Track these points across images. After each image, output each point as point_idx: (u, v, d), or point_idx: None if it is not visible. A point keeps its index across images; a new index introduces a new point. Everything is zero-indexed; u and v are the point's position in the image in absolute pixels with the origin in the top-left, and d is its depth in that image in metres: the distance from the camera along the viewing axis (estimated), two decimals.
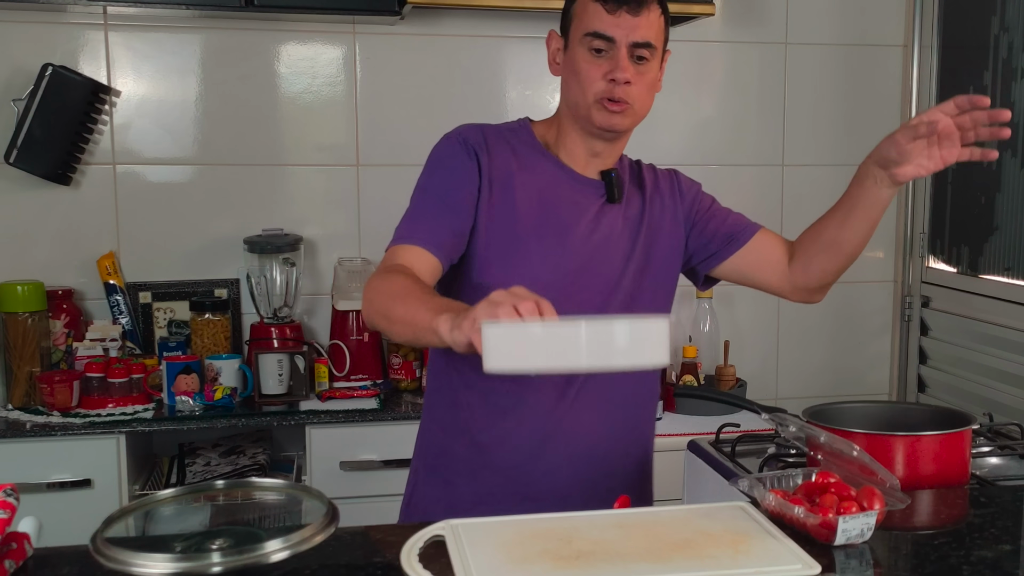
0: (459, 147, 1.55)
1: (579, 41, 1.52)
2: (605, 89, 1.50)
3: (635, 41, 1.49)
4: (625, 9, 1.49)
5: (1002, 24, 2.66)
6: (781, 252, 1.69)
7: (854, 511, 1.10)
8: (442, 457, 1.61)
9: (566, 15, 1.58)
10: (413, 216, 1.52)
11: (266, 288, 2.59)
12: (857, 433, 1.39)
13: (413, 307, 1.30)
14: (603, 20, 1.49)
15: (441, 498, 1.59)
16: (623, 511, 1.21)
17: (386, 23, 2.71)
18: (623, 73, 1.49)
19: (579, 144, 1.59)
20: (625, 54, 1.49)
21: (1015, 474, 1.57)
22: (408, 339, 1.36)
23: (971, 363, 2.76)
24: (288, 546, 0.99)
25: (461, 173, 1.53)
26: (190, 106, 2.68)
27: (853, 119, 3.04)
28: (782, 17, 2.97)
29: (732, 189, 2.99)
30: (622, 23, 1.49)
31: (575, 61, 1.53)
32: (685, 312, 2.97)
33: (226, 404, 2.42)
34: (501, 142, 1.58)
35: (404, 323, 1.32)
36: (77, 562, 1.06)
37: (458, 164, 1.53)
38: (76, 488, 2.26)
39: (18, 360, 2.44)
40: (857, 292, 3.08)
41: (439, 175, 1.54)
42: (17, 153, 2.52)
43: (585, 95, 1.52)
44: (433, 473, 1.62)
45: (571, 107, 1.57)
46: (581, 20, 1.52)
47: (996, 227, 2.69)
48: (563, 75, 1.59)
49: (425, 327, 1.25)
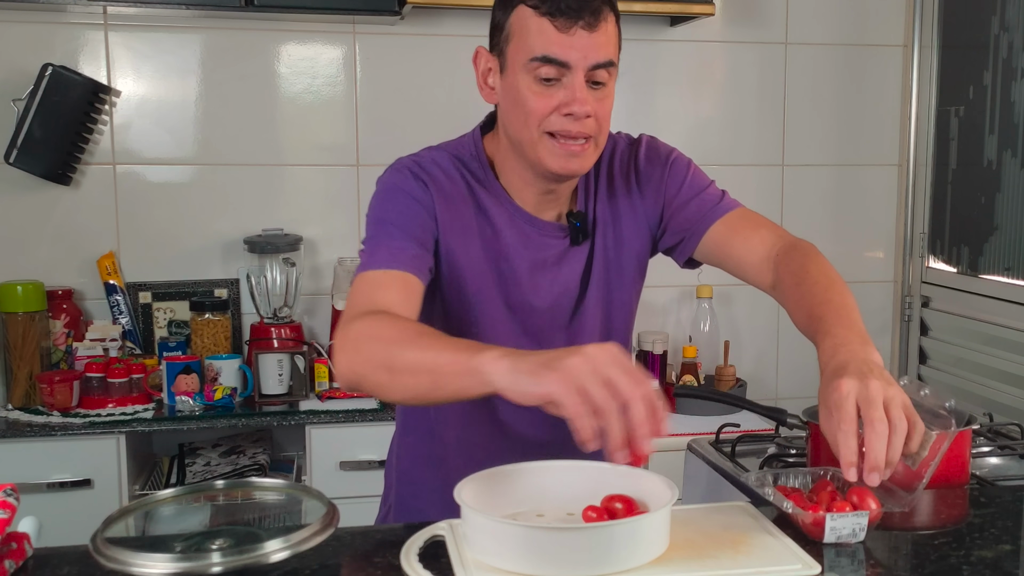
0: (414, 185, 1.34)
1: (522, 66, 1.26)
2: (560, 126, 1.26)
3: (595, 63, 1.25)
4: (581, 24, 1.23)
5: (1002, 24, 2.66)
6: (754, 255, 1.39)
7: (848, 510, 1.10)
8: (412, 486, 1.52)
9: (499, 29, 1.31)
10: (377, 242, 1.30)
11: (266, 288, 2.59)
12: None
13: (434, 349, 1.09)
14: (553, 40, 1.24)
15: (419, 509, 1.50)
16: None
17: (386, 23, 2.71)
18: (582, 106, 1.25)
19: (528, 185, 1.37)
20: (583, 81, 1.25)
21: (1015, 474, 1.56)
22: (420, 391, 1.12)
23: (971, 363, 2.76)
24: (288, 546, 0.99)
25: (419, 210, 1.33)
26: (190, 106, 2.68)
27: (853, 119, 3.04)
28: (782, 17, 2.97)
29: (732, 189, 2.97)
30: (577, 42, 1.23)
31: (517, 90, 1.27)
32: (685, 312, 2.97)
33: (226, 404, 2.42)
34: (454, 183, 1.37)
35: (419, 371, 1.09)
36: (77, 562, 1.06)
37: (414, 204, 1.33)
38: (76, 488, 2.26)
39: (18, 360, 2.44)
40: (857, 292, 3.02)
41: (398, 206, 1.33)
42: (17, 153, 2.52)
43: (532, 132, 1.28)
44: (405, 496, 1.54)
45: (515, 144, 1.32)
46: (523, 39, 1.26)
47: (996, 227, 2.69)
48: (502, 104, 1.33)
49: (461, 369, 1.05)
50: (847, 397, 1.05)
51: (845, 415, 1.05)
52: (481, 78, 1.35)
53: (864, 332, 1.17)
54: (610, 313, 1.46)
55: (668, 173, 1.45)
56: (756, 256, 1.38)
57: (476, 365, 1.03)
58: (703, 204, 1.43)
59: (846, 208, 3.07)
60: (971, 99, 2.78)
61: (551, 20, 1.24)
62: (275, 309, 2.60)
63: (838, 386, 1.06)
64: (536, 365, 0.99)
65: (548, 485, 1.14)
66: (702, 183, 1.46)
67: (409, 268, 1.28)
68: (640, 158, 1.45)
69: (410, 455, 1.53)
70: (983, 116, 2.73)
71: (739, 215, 1.43)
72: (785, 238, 1.39)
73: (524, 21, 1.26)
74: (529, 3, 1.26)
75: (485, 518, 1.00)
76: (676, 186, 1.44)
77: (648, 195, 1.44)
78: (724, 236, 1.41)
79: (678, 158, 1.47)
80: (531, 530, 0.98)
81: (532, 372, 0.99)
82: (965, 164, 2.83)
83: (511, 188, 1.39)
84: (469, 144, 1.42)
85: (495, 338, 1.38)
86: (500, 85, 1.33)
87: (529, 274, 1.39)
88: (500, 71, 1.32)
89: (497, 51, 1.32)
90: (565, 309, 1.42)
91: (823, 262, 1.32)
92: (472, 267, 1.37)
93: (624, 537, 0.99)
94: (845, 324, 1.18)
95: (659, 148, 1.48)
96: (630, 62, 2.88)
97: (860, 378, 1.06)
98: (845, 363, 1.09)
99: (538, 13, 1.25)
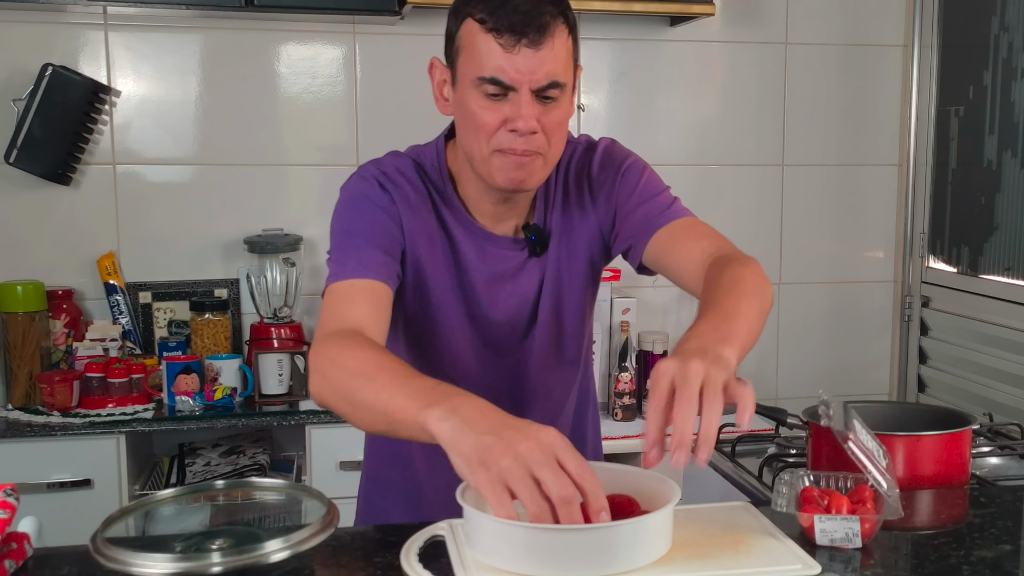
0: (381, 195, 1.34)
1: (470, 82, 1.26)
2: (507, 143, 1.26)
3: (539, 86, 1.24)
4: (525, 42, 1.22)
5: (1002, 24, 2.66)
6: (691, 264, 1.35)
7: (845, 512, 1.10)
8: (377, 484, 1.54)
9: (451, 40, 1.30)
10: (345, 253, 1.31)
11: (266, 288, 2.59)
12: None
13: (387, 391, 1.08)
14: (497, 60, 1.23)
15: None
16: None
17: (386, 23, 2.71)
18: (527, 123, 1.24)
19: (485, 196, 1.37)
20: (529, 98, 1.24)
21: (1015, 474, 1.57)
22: (377, 429, 1.12)
23: (971, 363, 2.76)
24: (288, 546, 0.99)
25: (385, 220, 1.34)
26: (190, 106, 2.68)
27: (853, 119, 3.04)
28: (782, 17, 2.97)
29: (732, 189, 3.01)
30: (521, 63, 1.22)
31: (466, 104, 1.27)
32: (685, 312, 2.97)
33: (226, 404, 2.42)
34: (418, 192, 1.37)
35: (374, 410, 1.09)
36: (77, 562, 1.06)
37: (381, 214, 1.34)
38: (76, 488, 2.26)
39: (18, 360, 2.44)
40: (857, 292, 3.08)
41: (366, 216, 1.33)
42: (17, 153, 2.52)
43: (482, 148, 1.28)
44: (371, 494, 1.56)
45: (468, 158, 1.33)
46: (470, 56, 1.25)
47: (996, 227, 2.69)
48: (455, 117, 1.33)
49: (408, 420, 1.05)
50: (663, 376, 1.03)
51: (656, 392, 1.03)
52: (437, 89, 1.35)
53: (732, 335, 1.11)
54: (562, 320, 1.44)
55: (620, 179, 1.42)
56: (692, 265, 1.33)
57: (421, 421, 1.03)
58: (650, 211, 1.39)
59: (846, 208, 3.07)
60: (971, 99, 2.78)
61: (495, 37, 1.22)
62: (275, 309, 2.60)
63: (658, 366, 1.04)
64: (473, 450, 0.98)
65: None
66: (653, 190, 1.42)
67: (378, 276, 1.28)
68: (594, 165, 1.43)
69: (377, 454, 1.54)
70: (983, 116, 2.73)
71: (684, 224, 1.39)
72: (724, 250, 1.33)
73: (472, 36, 1.25)
74: (475, 17, 1.25)
75: (487, 518, 1.00)
76: (627, 192, 1.41)
77: (600, 202, 1.42)
78: (666, 244, 1.37)
79: (633, 163, 1.44)
80: (533, 530, 0.98)
81: (467, 459, 0.98)
82: (965, 164, 2.83)
83: (469, 200, 1.39)
84: (432, 153, 1.41)
85: (456, 347, 1.40)
86: (453, 98, 1.32)
87: (487, 287, 1.40)
88: (452, 83, 1.31)
89: (449, 62, 1.31)
90: (523, 319, 1.43)
91: (745, 272, 1.24)
92: (436, 277, 1.38)
93: (626, 538, 0.99)
94: (714, 323, 1.13)
95: (614, 154, 1.45)
96: (630, 62, 2.89)
97: (683, 359, 1.03)
98: (685, 349, 1.07)
99: (484, 29, 1.23)
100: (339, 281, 1.28)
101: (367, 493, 1.58)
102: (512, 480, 0.95)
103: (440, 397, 1.04)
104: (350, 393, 1.12)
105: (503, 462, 0.96)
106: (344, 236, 1.33)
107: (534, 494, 0.95)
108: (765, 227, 3.02)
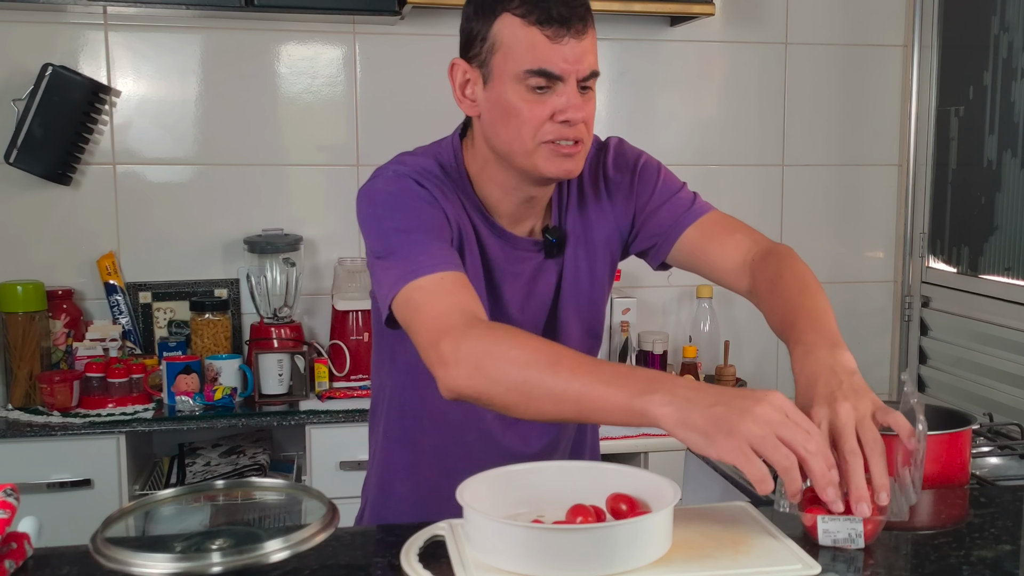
0: (422, 191, 1.31)
1: (513, 77, 1.25)
2: (556, 132, 1.26)
3: (587, 74, 1.26)
4: (571, 33, 1.23)
5: (1002, 24, 2.66)
6: (730, 260, 1.39)
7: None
8: (383, 493, 1.52)
9: (479, 39, 1.29)
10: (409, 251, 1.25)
11: (266, 288, 2.59)
12: None
13: (579, 379, 1.07)
14: (546, 52, 1.23)
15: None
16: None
17: (386, 23, 2.71)
18: (578, 112, 1.25)
19: (509, 195, 1.36)
20: (576, 88, 1.25)
21: (1015, 474, 1.57)
22: (560, 416, 1.11)
23: (971, 363, 2.76)
24: (288, 546, 0.99)
25: (437, 213, 1.31)
26: (190, 106, 2.68)
27: (853, 119, 3.04)
28: (782, 17, 2.97)
29: (732, 189, 3.01)
30: (569, 53, 1.23)
31: (508, 102, 1.26)
32: (685, 312, 2.97)
33: (226, 404, 2.42)
34: (446, 189, 1.35)
35: (563, 399, 1.08)
36: (77, 562, 1.06)
37: (430, 208, 1.30)
38: (76, 488, 2.26)
39: (18, 360, 2.44)
40: (857, 292, 3.08)
41: (416, 211, 1.30)
42: (17, 153, 2.52)
43: (526, 142, 1.27)
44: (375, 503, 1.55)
45: (505, 155, 1.31)
46: (513, 51, 1.25)
47: (996, 227, 2.69)
48: (486, 115, 1.31)
49: (619, 406, 1.04)
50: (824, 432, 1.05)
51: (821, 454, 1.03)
52: (459, 90, 1.33)
53: (834, 335, 1.17)
54: (580, 320, 1.45)
55: (637, 179, 1.43)
56: (732, 261, 1.37)
57: (640, 408, 1.03)
58: (675, 209, 1.41)
59: (846, 208, 3.07)
60: (971, 99, 2.78)
61: (541, 29, 1.23)
62: (275, 309, 2.60)
63: (810, 417, 1.06)
64: (708, 422, 1.00)
65: (548, 486, 1.14)
66: (673, 187, 1.44)
67: (457, 267, 1.25)
68: (608, 165, 1.44)
69: (385, 462, 1.52)
70: (983, 116, 2.73)
71: (713, 219, 1.41)
72: (761, 243, 1.38)
73: (512, 31, 1.25)
74: (515, 12, 1.24)
75: (487, 518, 1.00)
76: (647, 192, 1.42)
77: (618, 202, 1.43)
78: (698, 241, 1.39)
79: (647, 162, 1.45)
80: (533, 531, 0.98)
81: (704, 432, 1.00)
82: (965, 164, 2.83)
83: (487, 200, 1.38)
84: (449, 151, 1.39)
85: None
86: (483, 97, 1.30)
87: (510, 287, 1.40)
88: (483, 82, 1.30)
89: (478, 62, 1.30)
90: (542, 320, 1.43)
91: (799, 266, 1.31)
92: (469, 274, 1.35)
93: (626, 538, 0.99)
94: (815, 329, 1.18)
95: (627, 153, 1.45)
96: (630, 62, 2.89)
97: (829, 402, 1.07)
98: (814, 377, 1.11)
99: (526, 22, 1.23)
100: (424, 276, 1.22)
101: (373, 502, 1.55)
102: (757, 441, 0.99)
103: (651, 383, 1.05)
104: (526, 384, 1.10)
105: (743, 427, 0.99)
106: (400, 234, 1.27)
107: (783, 450, 0.99)
108: (765, 227, 2.99)
